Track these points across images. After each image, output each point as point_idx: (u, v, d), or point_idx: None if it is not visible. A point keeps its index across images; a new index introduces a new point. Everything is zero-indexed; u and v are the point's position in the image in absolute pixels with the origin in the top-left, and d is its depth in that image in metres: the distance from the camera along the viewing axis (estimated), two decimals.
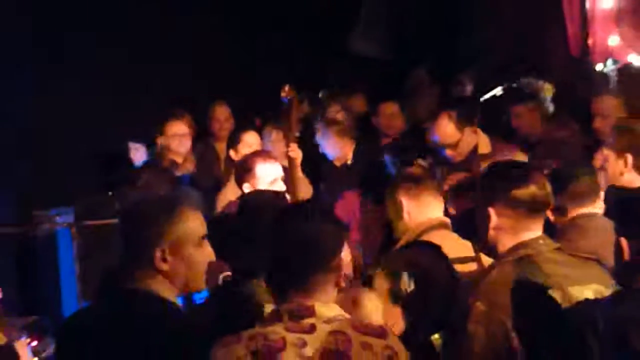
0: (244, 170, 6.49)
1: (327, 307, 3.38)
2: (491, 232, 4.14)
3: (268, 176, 6.38)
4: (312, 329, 3.30)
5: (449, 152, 7.48)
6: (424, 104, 9.72)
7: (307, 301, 3.32)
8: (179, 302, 3.87)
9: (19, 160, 8.67)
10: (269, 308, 3.88)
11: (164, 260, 3.54)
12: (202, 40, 10.17)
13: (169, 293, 3.60)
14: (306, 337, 3.28)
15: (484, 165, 6.27)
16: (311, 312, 3.31)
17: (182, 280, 3.64)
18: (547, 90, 9.21)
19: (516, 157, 6.54)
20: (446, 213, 5.61)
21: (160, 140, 8.24)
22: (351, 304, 4.07)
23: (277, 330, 3.29)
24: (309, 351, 3.27)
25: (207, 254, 3.70)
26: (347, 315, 3.44)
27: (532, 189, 4.03)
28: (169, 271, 3.57)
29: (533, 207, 4.05)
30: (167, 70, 9.62)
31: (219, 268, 4.69)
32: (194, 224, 3.65)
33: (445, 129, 7.50)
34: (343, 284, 3.75)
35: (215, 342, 3.32)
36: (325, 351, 3.29)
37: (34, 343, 6.29)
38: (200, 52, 10.10)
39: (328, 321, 3.32)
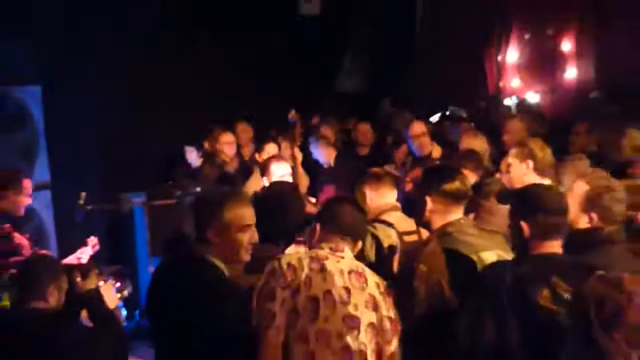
0: (264, 168, 7.13)
1: (349, 252, 3.94)
2: (427, 214, 4.69)
3: (280, 172, 6.97)
4: (343, 256, 3.86)
5: (415, 145, 8.05)
6: (391, 123, 9.83)
7: (340, 245, 3.90)
8: None
9: (111, 158, 9.33)
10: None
11: (215, 237, 3.92)
12: (237, 76, 10.14)
13: (216, 259, 3.95)
14: (340, 260, 3.83)
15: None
16: (342, 250, 3.88)
17: (226, 253, 3.97)
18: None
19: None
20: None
21: (209, 145, 8.64)
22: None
23: (322, 252, 3.83)
24: (343, 265, 3.80)
25: (248, 238, 3.97)
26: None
27: (457, 184, 4.63)
28: (216, 245, 3.93)
29: (457, 197, 4.63)
30: (212, 96, 9.67)
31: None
32: (238, 215, 3.95)
33: (418, 130, 8.03)
34: None
35: (278, 255, 3.86)
36: (351, 270, 3.81)
37: (118, 284, 6.34)
38: (235, 85, 10.11)
39: (350, 257, 3.91)
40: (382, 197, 5.45)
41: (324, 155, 8.85)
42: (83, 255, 6.58)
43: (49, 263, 4.74)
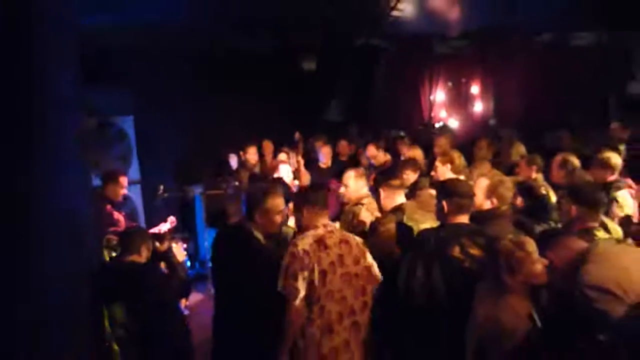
0: (273, 169, 7.41)
1: (333, 224, 3.97)
2: (381, 200, 4.62)
3: (284, 171, 7.16)
4: (332, 230, 3.79)
5: (373, 161, 7.92)
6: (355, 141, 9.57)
7: (325, 220, 3.84)
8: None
9: (180, 162, 9.20)
10: (286, 231, 4.46)
11: (258, 216, 3.93)
12: (262, 112, 9.92)
13: (257, 233, 3.94)
14: (332, 234, 3.74)
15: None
16: (329, 225, 3.84)
17: (265, 228, 3.96)
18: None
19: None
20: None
21: (243, 155, 8.44)
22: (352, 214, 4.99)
23: (319, 231, 3.72)
24: (335, 239, 3.71)
25: (278, 219, 3.97)
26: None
27: (398, 180, 4.66)
28: (258, 223, 3.93)
29: (400, 188, 4.64)
30: (245, 123, 9.40)
31: None
32: (274, 203, 3.93)
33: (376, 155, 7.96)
34: None
35: (294, 241, 3.72)
36: (341, 240, 3.74)
37: (184, 245, 6.90)
38: (261, 117, 9.76)
39: (335, 228, 3.90)
40: (360, 188, 5.19)
41: (324, 157, 8.56)
42: (163, 227, 6.31)
43: (141, 231, 4.74)
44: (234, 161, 8.81)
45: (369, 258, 3.85)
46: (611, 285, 2.64)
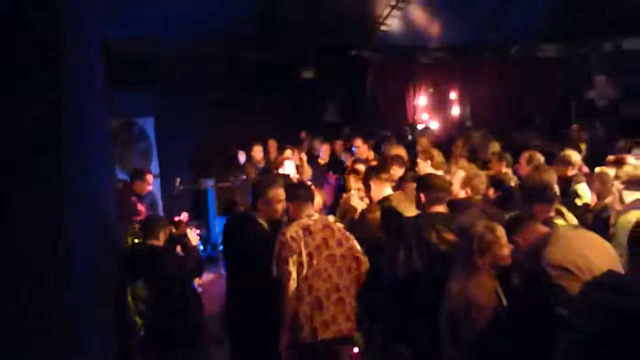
0: (279, 164, 7.12)
1: (316, 214, 3.86)
2: (371, 192, 4.55)
3: (288, 167, 7.03)
4: (315, 219, 3.77)
5: (358, 155, 7.81)
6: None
7: (310, 211, 3.81)
8: None
9: (194, 158, 9.29)
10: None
11: (260, 205, 3.94)
12: (269, 114, 9.81)
13: (261, 219, 3.95)
14: (314, 221, 3.73)
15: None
16: (313, 214, 3.79)
17: (268, 215, 3.96)
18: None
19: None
20: None
21: (250, 151, 8.47)
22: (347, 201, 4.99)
23: (304, 221, 3.72)
24: (319, 224, 3.73)
25: (280, 207, 3.95)
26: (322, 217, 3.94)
27: (386, 174, 4.56)
28: (262, 211, 3.94)
29: (387, 180, 4.54)
30: (254, 123, 9.35)
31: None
32: (275, 193, 3.91)
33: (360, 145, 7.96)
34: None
35: (282, 230, 3.71)
36: (324, 225, 3.75)
37: (197, 231, 6.29)
38: (268, 119, 9.67)
39: (319, 217, 3.84)
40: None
41: (323, 154, 8.55)
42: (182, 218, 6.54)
43: (159, 219, 4.77)
44: (242, 157, 8.82)
45: (353, 241, 3.82)
46: (569, 264, 2.66)
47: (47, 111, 2.94)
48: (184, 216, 6.23)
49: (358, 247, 3.83)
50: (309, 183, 6.64)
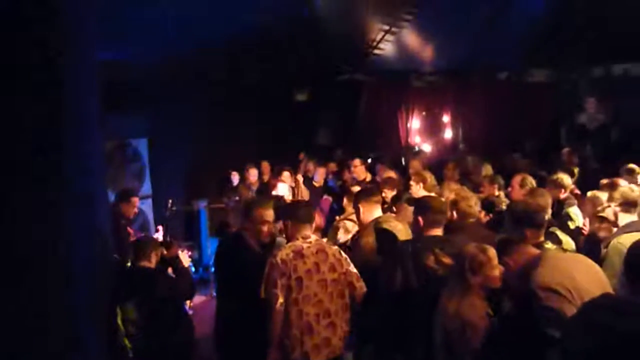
0: (274, 186, 7.08)
1: (313, 236, 3.80)
2: (361, 215, 4.43)
3: (282, 189, 6.96)
4: (310, 242, 3.70)
5: (355, 175, 7.82)
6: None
7: (306, 232, 3.75)
8: None
9: (187, 179, 9.27)
10: (280, 242, 4.18)
11: (248, 225, 3.97)
12: (263, 136, 9.96)
13: (250, 238, 3.97)
14: (309, 244, 3.68)
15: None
16: (309, 236, 3.73)
17: (256, 236, 3.96)
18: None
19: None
20: None
21: (245, 173, 8.42)
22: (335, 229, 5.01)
23: (298, 243, 3.67)
24: (312, 248, 3.65)
25: (265, 228, 3.93)
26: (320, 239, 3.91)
27: (377, 196, 4.51)
28: (250, 231, 3.95)
29: (378, 203, 4.47)
30: (248, 145, 9.48)
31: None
32: (260, 213, 3.93)
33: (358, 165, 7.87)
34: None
35: (274, 252, 3.68)
36: (317, 250, 3.67)
37: (189, 253, 6.50)
38: (263, 140, 9.84)
39: (315, 239, 3.77)
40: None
41: (318, 177, 8.47)
42: (157, 235, 6.45)
43: (150, 240, 4.72)
44: (235, 179, 8.79)
45: (349, 266, 3.77)
46: (557, 286, 2.68)
47: (47, 111, 2.93)
48: (160, 231, 6.35)
49: (354, 271, 3.78)
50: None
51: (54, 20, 3.03)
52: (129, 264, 4.87)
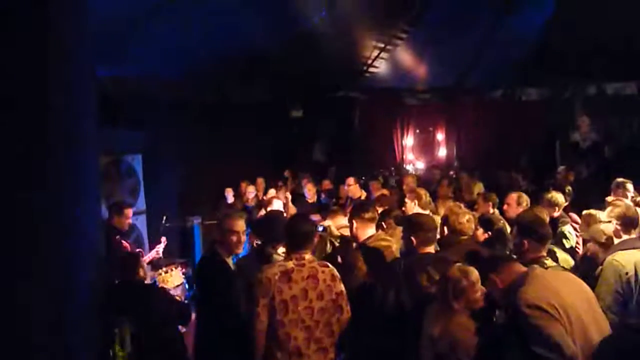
0: (268, 203, 6.81)
1: (309, 256, 3.56)
2: (354, 231, 4.33)
3: (277, 204, 6.62)
4: (303, 264, 3.49)
5: (350, 194, 7.74)
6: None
7: (303, 254, 3.53)
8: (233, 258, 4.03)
9: (181, 195, 9.00)
10: (276, 258, 4.05)
11: (220, 238, 3.91)
12: (257, 152, 9.97)
13: (224, 253, 3.89)
14: (301, 267, 3.48)
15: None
16: (304, 257, 3.52)
17: (228, 249, 3.89)
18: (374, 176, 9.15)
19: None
20: None
21: (239, 189, 8.62)
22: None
23: (289, 264, 3.47)
24: (303, 273, 3.46)
25: (239, 240, 3.88)
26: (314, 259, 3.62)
27: (370, 214, 4.31)
28: (223, 244, 3.88)
29: (371, 220, 4.30)
30: (241, 162, 9.37)
31: (254, 239, 4.85)
32: (228, 224, 3.89)
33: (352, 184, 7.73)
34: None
35: (262, 267, 3.49)
36: (309, 275, 3.48)
37: (183, 270, 6.88)
38: (256, 157, 9.82)
39: (309, 261, 3.53)
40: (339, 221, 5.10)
41: (309, 193, 8.43)
42: (158, 249, 6.45)
43: (136, 256, 4.61)
44: (229, 195, 8.80)
45: (340, 289, 3.61)
46: (543, 304, 2.68)
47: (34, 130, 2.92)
48: (163, 241, 6.35)
49: (344, 293, 3.64)
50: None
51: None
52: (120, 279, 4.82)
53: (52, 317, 2.98)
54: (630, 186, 5.79)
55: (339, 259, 4.61)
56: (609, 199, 4.81)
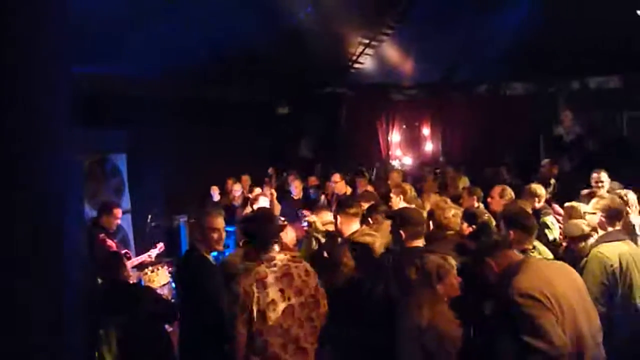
0: (254, 200, 6.96)
1: (279, 255, 3.55)
2: (338, 225, 4.46)
3: (263, 202, 6.76)
4: (275, 264, 3.47)
5: (336, 190, 7.68)
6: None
7: (272, 253, 3.53)
8: (214, 255, 4.04)
9: (166, 194, 9.02)
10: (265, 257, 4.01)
11: (202, 237, 3.90)
12: (242, 150, 9.87)
13: (204, 250, 3.91)
14: (275, 269, 3.46)
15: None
16: (274, 258, 3.49)
17: (208, 245, 3.90)
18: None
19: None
20: None
21: (225, 187, 8.58)
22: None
23: (261, 269, 3.43)
24: (277, 273, 3.44)
25: (220, 237, 3.91)
26: (286, 256, 3.59)
27: (354, 209, 4.41)
28: (203, 242, 3.89)
29: (356, 215, 4.42)
30: (228, 161, 9.29)
31: (240, 237, 4.84)
32: (209, 222, 3.90)
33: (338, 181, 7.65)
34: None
35: (239, 276, 3.44)
36: (283, 274, 3.46)
37: (170, 269, 6.78)
38: (241, 155, 9.76)
39: (280, 260, 3.50)
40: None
41: (295, 190, 8.30)
42: (152, 253, 6.43)
43: (119, 255, 4.59)
44: (215, 193, 8.77)
45: (316, 284, 3.61)
46: (537, 293, 2.69)
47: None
48: (159, 248, 6.32)
49: (321, 288, 3.64)
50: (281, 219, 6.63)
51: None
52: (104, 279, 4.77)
53: (40, 319, 2.94)
54: (604, 175, 5.86)
55: (325, 254, 4.57)
56: (584, 192, 4.83)
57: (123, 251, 5.63)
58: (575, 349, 2.68)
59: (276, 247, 3.68)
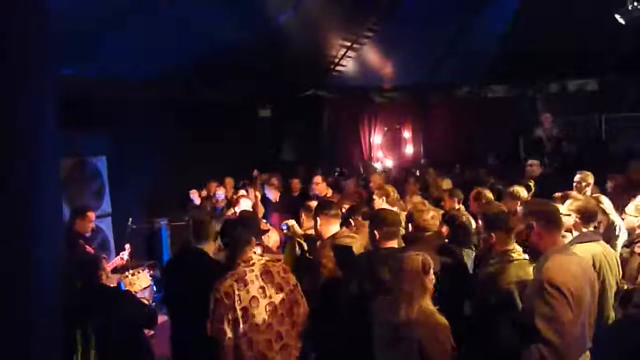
0: (236, 202, 7.02)
1: (254, 255, 3.63)
2: (318, 228, 4.42)
3: (246, 204, 6.85)
4: (253, 263, 3.55)
5: (317, 192, 7.66)
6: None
7: (247, 254, 3.58)
8: None
9: (147, 197, 8.68)
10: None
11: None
12: (224, 153, 9.75)
13: (208, 250, 4.07)
14: (252, 267, 3.54)
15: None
16: (250, 258, 3.57)
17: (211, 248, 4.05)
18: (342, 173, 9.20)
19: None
20: None
21: (206, 191, 8.61)
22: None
23: (240, 269, 3.51)
24: (256, 271, 3.52)
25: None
26: (264, 256, 3.74)
27: (334, 210, 4.44)
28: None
29: (335, 217, 4.43)
30: (211, 163, 9.28)
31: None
32: (211, 229, 4.08)
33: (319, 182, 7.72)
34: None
35: (216, 284, 3.46)
36: (261, 272, 3.54)
37: (150, 272, 6.89)
38: (224, 158, 9.68)
39: (257, 259, 3.60)
40: (309, 222, 5.07)
41: (272, 194, 8.34)
42: (123, 255, 6.39)
43: (96, 259, 4.43)
44: (195, 196, 8.74)
45: (294, 282, 3.69)
46: (564, 289, 2.74)
47: None
48: (127, 249, 6.27)
49: (299, 287, 3.71)
50: (263, 221, 6.47)
51: None
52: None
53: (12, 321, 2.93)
54: (590, 177, 5.88)
55: (308, 255, 4.65)
56: (557, 195, 4.85)
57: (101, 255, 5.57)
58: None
59: (258, 250, 3.74)
